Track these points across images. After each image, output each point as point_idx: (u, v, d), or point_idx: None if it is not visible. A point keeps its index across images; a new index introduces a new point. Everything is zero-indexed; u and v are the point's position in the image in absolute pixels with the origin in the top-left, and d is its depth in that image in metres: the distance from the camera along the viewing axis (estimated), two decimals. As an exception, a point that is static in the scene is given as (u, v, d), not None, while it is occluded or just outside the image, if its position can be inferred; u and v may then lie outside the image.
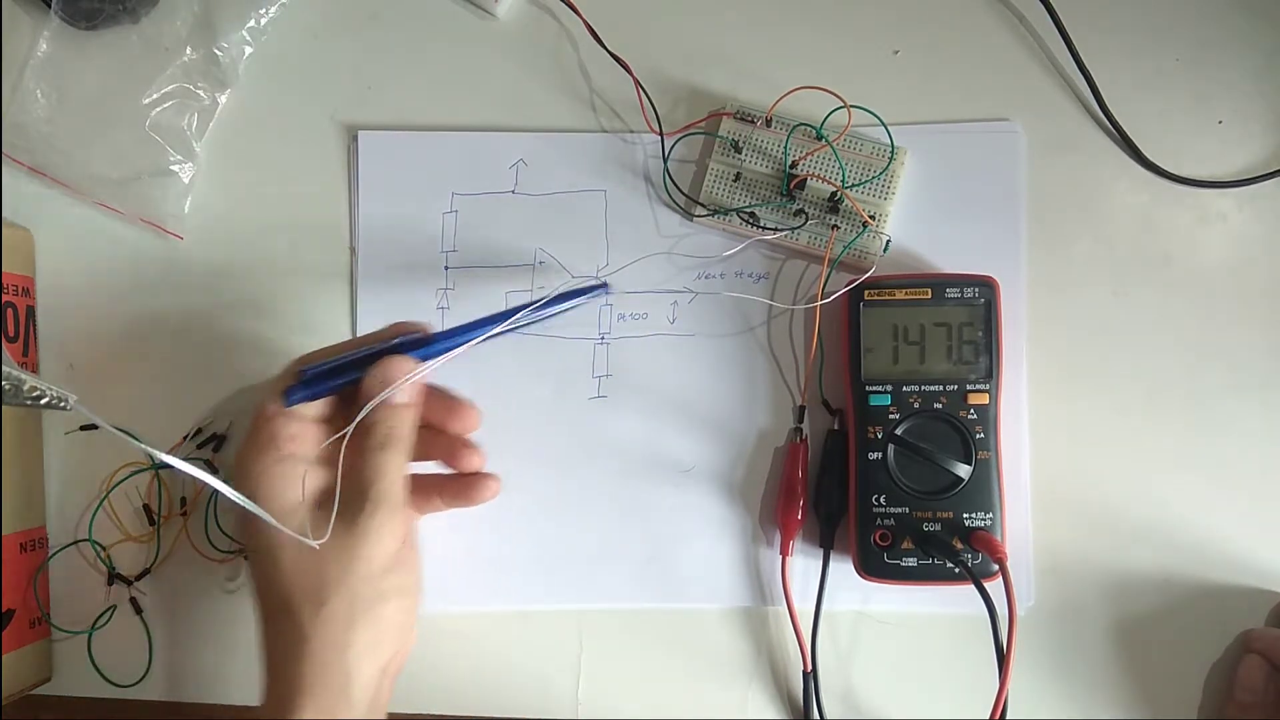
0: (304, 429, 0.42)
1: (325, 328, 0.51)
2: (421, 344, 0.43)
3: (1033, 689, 0.49)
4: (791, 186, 0.49)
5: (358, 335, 0.46)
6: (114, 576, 0.50)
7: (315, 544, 0.41)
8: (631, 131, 0.51)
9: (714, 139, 0.50)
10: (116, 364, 0.51)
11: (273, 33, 0.52)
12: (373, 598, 0.40)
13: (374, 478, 0.41)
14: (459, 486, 0.46)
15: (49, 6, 0.49)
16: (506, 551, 0.50)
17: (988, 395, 0.46)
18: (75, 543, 0.50)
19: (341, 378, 0.42)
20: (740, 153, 0.50)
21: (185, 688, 0.50)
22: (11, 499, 0.48)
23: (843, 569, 0.48)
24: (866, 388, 0.47)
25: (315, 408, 0.43)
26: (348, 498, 0.41)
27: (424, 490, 0.46)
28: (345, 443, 0.41)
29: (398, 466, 0.41)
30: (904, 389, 0.46)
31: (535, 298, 0.44)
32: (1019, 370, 0.49)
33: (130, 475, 0.50)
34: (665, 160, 0.50)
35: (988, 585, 0.43)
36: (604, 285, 0.46)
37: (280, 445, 0.41)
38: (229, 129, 0.52)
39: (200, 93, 0.51)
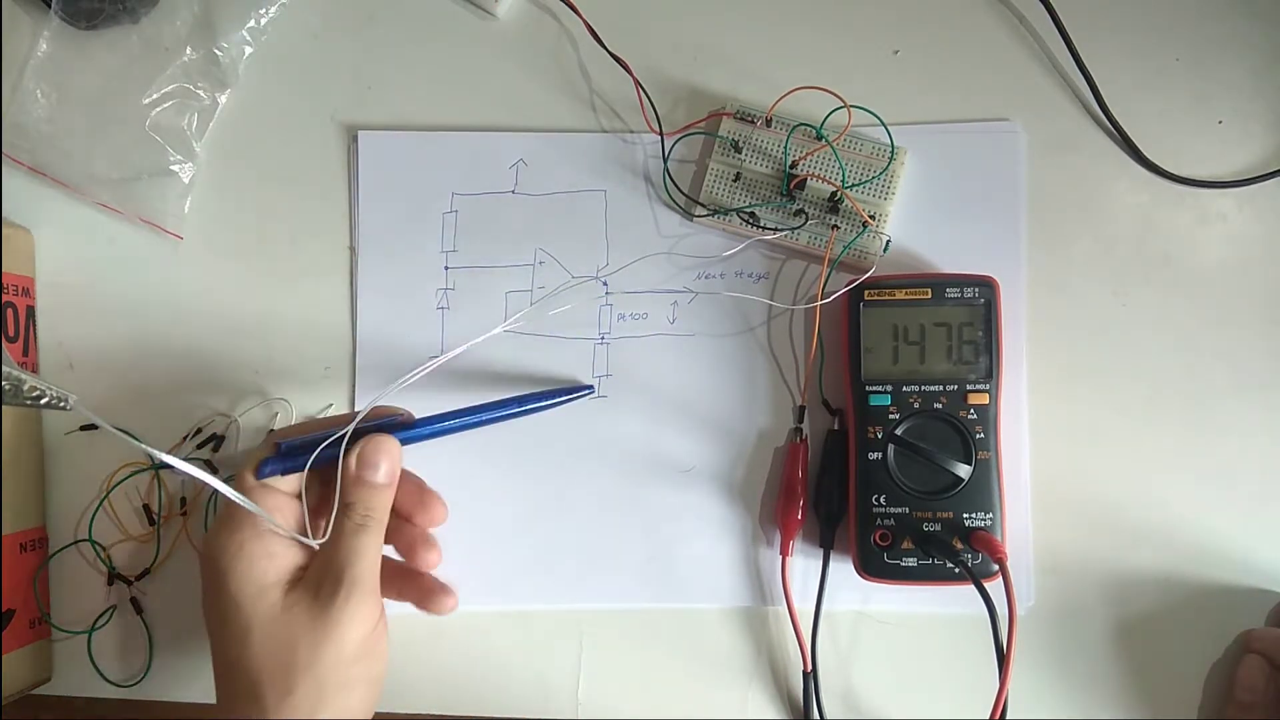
0: (282, 503, 0.42)
1: (325, 327, 0.51)
2: (402, 427, 0.43)
3: (1033, 689, 0.49)
4: (791, 186, 0.49)
5: (336, 415, 0.45)
6: (114, 576, 0.50)
7: (315, 544, 0.41)
8: (631, 131, 0.51)
9: (714, 139, 0.50)
10: (116, 364, 0.51)
11: (273, 33, 0.52)
12: (339, 686, 0.39)
13: (350, 560, 0.40)
14: (418, 593, 0.45)
15: (49, 6, 0.49)
16: (506, 551, 0.50)
17: (988, 395, 0.46)
18: (75, 543, 0.50)
19: (317, 453, 0.41)
20: (740, 153, 0.50)
21: (185, 688, 0.50)
22: (11, 499, 0.48)
23: (843, 569, 0.48)
24: (866, 388, 0.47)
25: (290, 482, 0.42)
26: (321, 579, 0.40)
27: (386, 577, 0.44)
28: (327, 521, 0.40)
29: (375, 549, 0.41)
30: (904, 389, 0.46)
31: (521, 393, 0.46)
32: (1019, 370, 0.49)
33: (130, 475, 0.50)
34: (665, 160, 0.50)
35: (988, 585, 0.43)
36: (590, 388, 0.49)
37: (257, 520, 0.40)
38: (229, 129, 0.52)
39: (200, 93, 0.51)
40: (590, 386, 0.49)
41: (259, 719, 0.38)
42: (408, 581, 0.46)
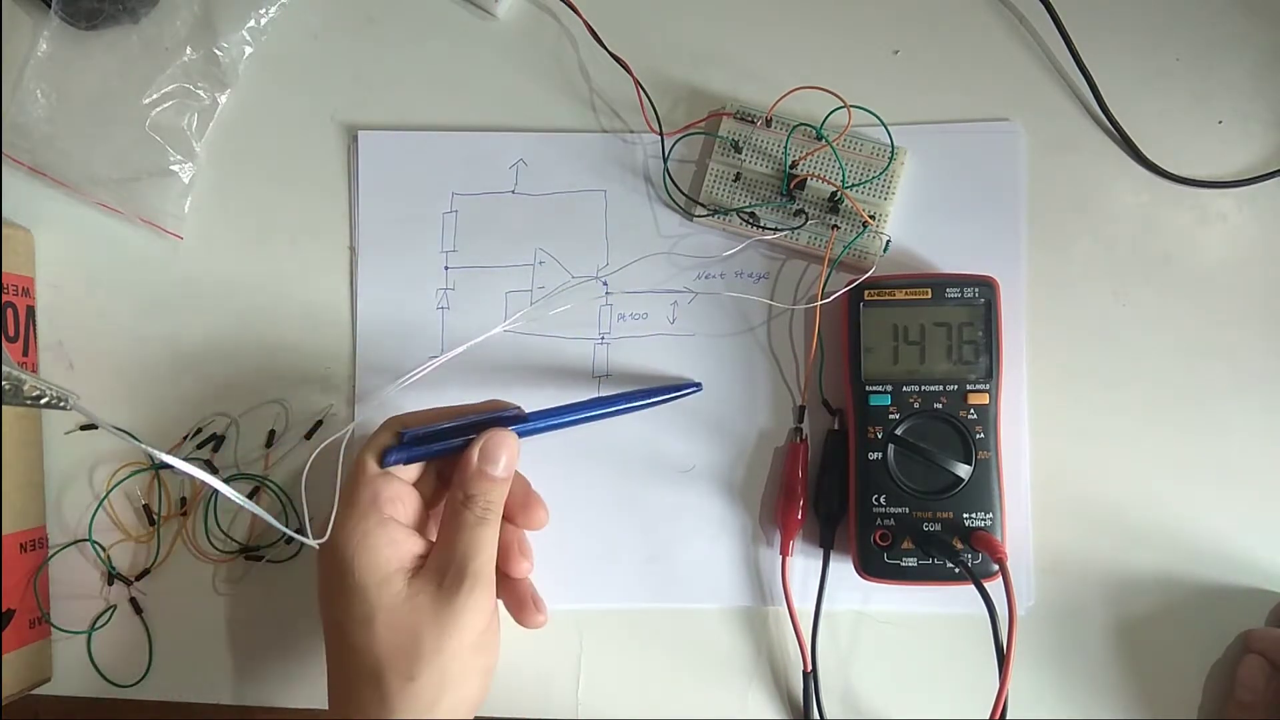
0: (402, 491, 0.42)
1: (325, 327, 0.51)
2: (516, 421, 0.43)
3: (1033, 689, 0.49)
4: (791, 186, 0.49)
5: (450, 406, 0.45)
6: (114, 576, 0.50)
7: (315, 543, 0.41)
8: (631, 131, 0.51)
9: (714, 139, 0.50)
10: (116, 364, 0.51)
11: (273, 33, 0.52)
12: (460, 676, 0.40)
13: (473, 552, 0.40)
14: (512, 601, 0.45)
15: (49, 6, 0.49)
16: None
17: (988, 395, 0.46)
18: (75, 543, 0.50)
19: (439, 443, 0.42)
20: (740, 153, 0.50)
21: (185, 688, 0.50)
22: (11, 499, 0.48)
23: (843, 569, 0.48)
24: (866, 388, 0.47)
25: (409, 471, 0.43)
26: (444, 569, 0.40)
27: None
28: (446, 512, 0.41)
29: (494, 542, 0.41)
30: (904, 389, 0.46)
31: (633, 389, 0.48)
32: (1019, 370, 0.49)
33: (130, 475, 0.50)
34: (665, 160, 0.50)
35: (988, 585, 0.43)
36: (698, 385, 0.49)
37: (382, 507, 0.41)
38: (229, 129, 0.52)
39: (200, 93, 0.51)
40: (698, 384, 0.49)
41: (380, 704, 0.39)
42: (501, 586, 0.45)
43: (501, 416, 0.44)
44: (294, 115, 0.52)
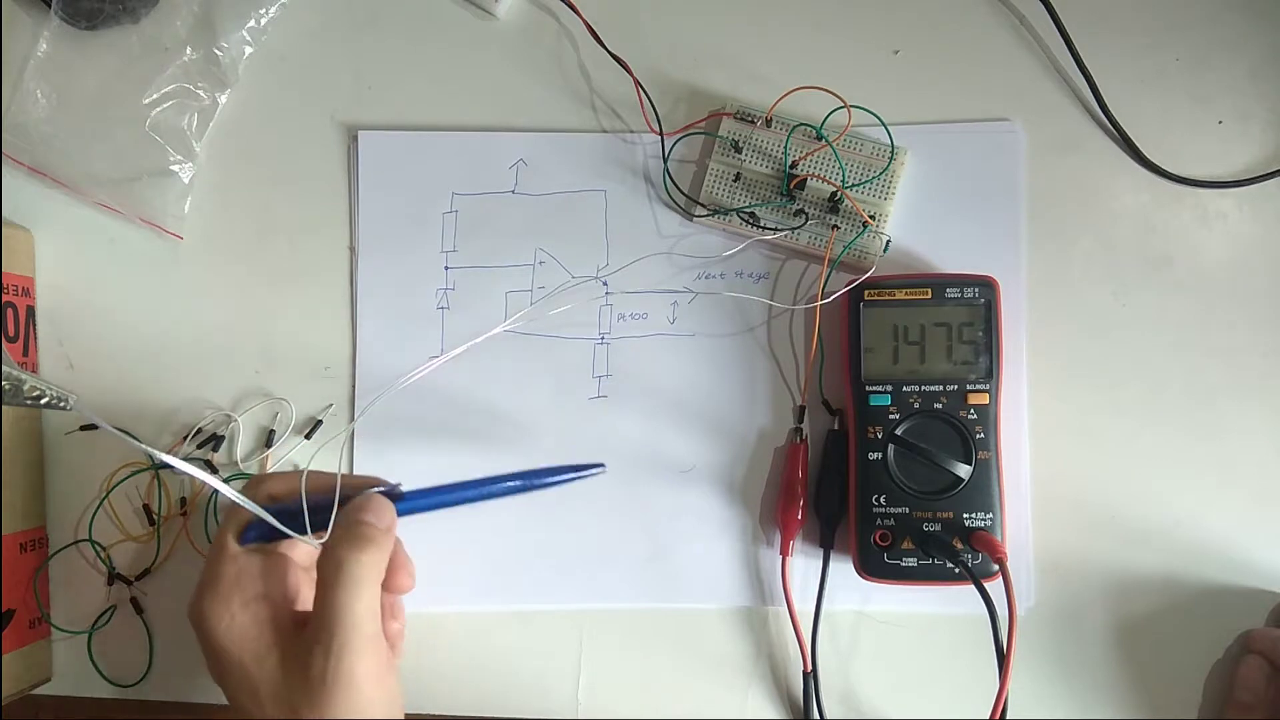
0: (270, 563, 0.41)
1: (325, 327, 0.51)
2: (394, 498, 0.42)
3: (1033, 689, 0.49)
4: (791, 186, 0.49)
5: (320, 472, 0.43)
6: (114, 576, 0.50)
7: (316, 544, 0.41)
8: (631, 131, 0.51)
9: (714, 139, 0.50)
10: (116, 364, 0.51)
11: (273, 33, 0.52)
12: None
13: (345, 616, 0.38)
14: None
15: (49, 6, 0.49)
16: (506, 551, 0.50)
17: (988, 395, 0.46)
18: (75, 543, 0.50)
19: (293, 522, 0.40)
20: (740, 153, 0.50)
21: (185, 688, 0.50)
22: (11, 499, 0.48)
23: (843, 569, 0.48)
24: (866, 388, 0.47)
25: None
26: (317, 637, 0.38)
27: None
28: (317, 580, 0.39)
29: (369, 596, 0.39)
30: (904, 389, 0.46)
31: (519, 470, 0.43)
32: (1019, 370, 0.49)
33: (130, 475, 0.50)
34: (665, 160, 0.50)
35: (988, 585, 0.43)
36: (601, 465, 0.44)
37: (245, 587, 0.40)
38: (229, 129, 0.52)
39: (200, 93, 0.51)
40: (602, 464, 0.44)
41: None
42: None
43: (381, 490, 0.42)
44: (294, 115, 0.52)
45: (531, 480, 0.43)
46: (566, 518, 0.50)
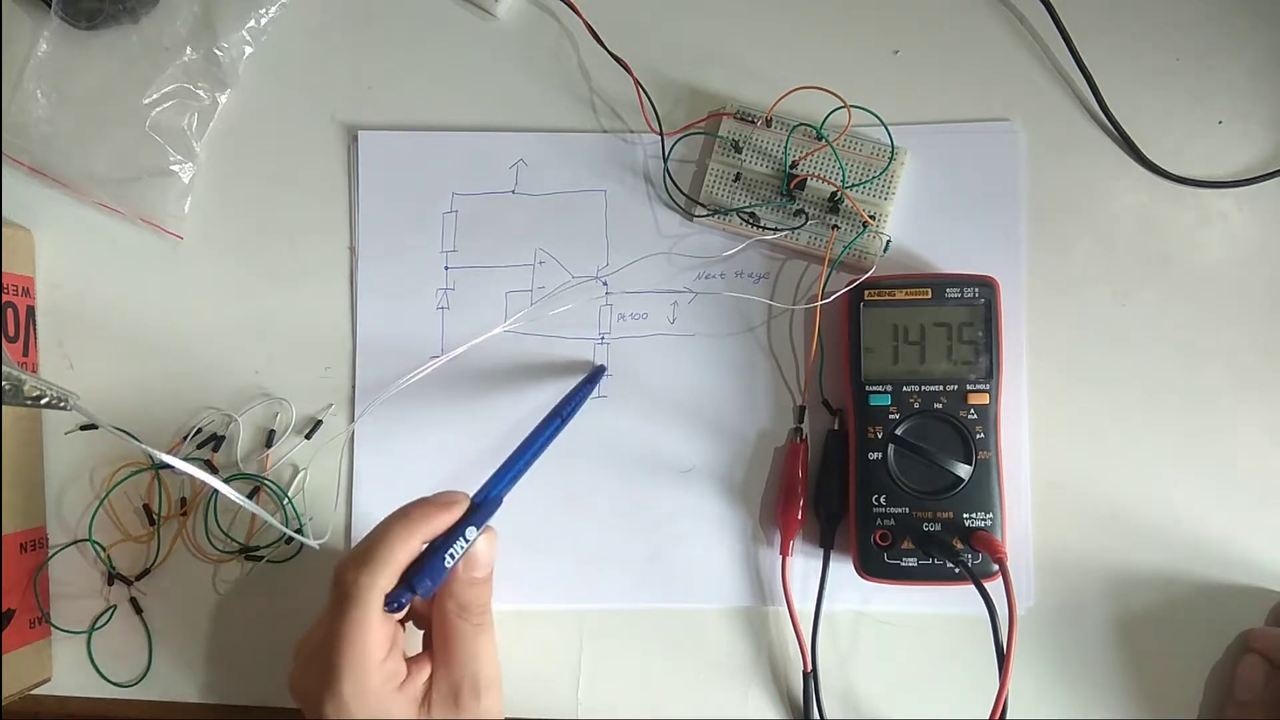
0: (391, 624, 0.39)
1: (325, 327, 0.51)
2: (475, 510, 0.41)
3: (1033, 689, 0.49)
4: (791, 186, 0.49)
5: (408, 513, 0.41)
6: (114, 576, 0.50)
7: (316, 544, 0.41)
8: (631, 131, 0.51)
9: (714, 139, 0.50)
10: (116, 364, 0.51)
11: (273, 33, 0.52)
12: None
13: (481, 663, 0.40)
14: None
15: (49, 6, 0.49)
16: (507, 552, 0.50)
17: (988, 395, 0.46)
18: (75, 543, 0.50)
19: (435, 564, 0.39)
20: (740, 153, 0.50)
21: (185, 688, 0.50)
22: (11, 499, 0.48)
23: (843, 569, 0.48)
24: (866, 388, 0.47)
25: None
26: (456, 689, 0.40)
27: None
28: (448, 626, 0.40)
29: (494, 644, 0.41)
30: (904, 389, 0.46)
31: (550, 406, 0.46)
32: (1019, 370, 0.49)
33: (130, 475, 0.50)
34: (665, 160, 0.50)
35: (988, 585, 0.43)
36: (602, 367, 0.49)
37: (384, 670, 0.38)
38: (229, 129, 0.52)
39: (200, 93, 0.51)
40: (603, 365, 0.49)
41: None
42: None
43: (470, 512, 0.41)
44: (294, 115, 0.52)
45: (564, 412, 0.46)
46: (567, 518, 0.50)
